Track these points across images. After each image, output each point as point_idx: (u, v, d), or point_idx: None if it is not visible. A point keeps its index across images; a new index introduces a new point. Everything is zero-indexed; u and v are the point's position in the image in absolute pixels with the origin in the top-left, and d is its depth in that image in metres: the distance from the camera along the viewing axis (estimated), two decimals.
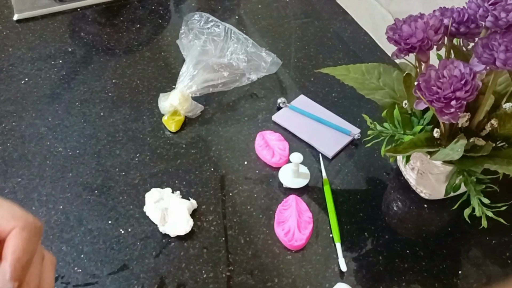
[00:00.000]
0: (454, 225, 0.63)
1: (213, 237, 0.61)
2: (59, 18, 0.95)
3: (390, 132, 0.59)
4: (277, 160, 0.69)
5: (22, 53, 0.86)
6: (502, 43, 0.47)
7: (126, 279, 0.56)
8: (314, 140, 0.72)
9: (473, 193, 0.54)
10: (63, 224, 0.61)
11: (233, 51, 0.82)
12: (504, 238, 0.62)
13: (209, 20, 0.86)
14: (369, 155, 0.71)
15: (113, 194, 0.65)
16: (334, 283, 0.56)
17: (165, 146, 0.72)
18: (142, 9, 0.98)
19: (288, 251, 0.60)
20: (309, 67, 0.86)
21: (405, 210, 0.65)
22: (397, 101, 0.61)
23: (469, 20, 0.53)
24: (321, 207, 0.65)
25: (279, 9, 1.00)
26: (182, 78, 0.75)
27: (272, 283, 0.57)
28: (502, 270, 0.59)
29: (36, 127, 0.73)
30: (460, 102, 0.48)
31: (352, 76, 0.64)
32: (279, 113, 0.77)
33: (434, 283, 0.57)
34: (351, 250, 0.60)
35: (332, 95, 0.80)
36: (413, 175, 0.65)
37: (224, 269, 0.58)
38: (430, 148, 0.55)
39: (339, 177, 0.68)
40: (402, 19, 0.53)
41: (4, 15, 0.95)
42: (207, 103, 0.78)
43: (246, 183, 0.67)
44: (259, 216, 0.63)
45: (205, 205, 0.64)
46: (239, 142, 0.73)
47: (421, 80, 0.50)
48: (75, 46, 0.89)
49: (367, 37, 0.93)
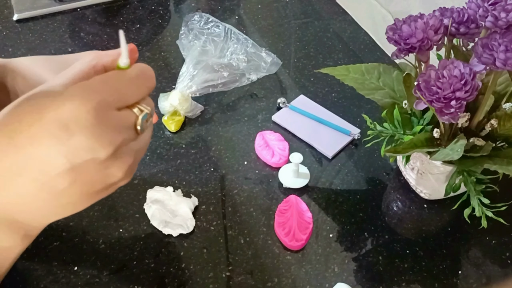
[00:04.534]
0: (454, 225, 0.63)
1: (213, 237, 0.61)
2: (59, 18, 0.95)
3: (390, 132, 0.59)
4: (277, 160, 0.69)
5: (22, 53, 0.86)
6: (502, 43, 0.47)
7: (126, 279, 0.56)
8: (314, 140, 0.72)
9: (473, 193, 0.54)
10: (63, 224, 0.61)
11: (233, 51, 0.82)
12: (504, 238, 0.62)
13: (209, 21, 0.86)
14: (369, 155, 0.71)
15: (113, 194, 0.65)
16: (334, 283, 0.56)
17: (165, 146, 0.72)
18: (142, 9, 0.98)
19: (288, 251, 0.60)
20: (309, 67, 0.86)
21: (405, 210, 0.65)
22: (397, 101, 0.61)
23: (469, 20, 0.53)
24: (321, 207, 0.65)
25: (279, 9, 1.00)
26: (182, 78, 0.75)
27: (272, 283, 0.57)
28: (502, 270, 0.59)
29: None
30: (460, 102, 0.48)
31: (352, 76, 0.64)
32: (279, 113, 0.77)
33: (434, 283, 0.57)
34: (351, 250, 0.60)
35: (332, 95, 0.80)
36: (413, 175, 0.65)
37: (224, 269, 0.58)
38: (430, 148, 0.55)
39: (339, 177, 0.68)
40: (402, 19, 0.53)
41: (4, 15, 0.95)
42: (207, 103, 0.78)
43: (246, 183, 0.67)
44: (259, 216, 0.63)
45: (205, 205, 0.64)
46: (239, 142, 0.73)
47: (421, 80, 0.50)
48: (75, 46, 0.89)
49: (367, 37, 0.93)
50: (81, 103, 0.28)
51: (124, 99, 0.32)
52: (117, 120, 0.30)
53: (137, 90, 0.33)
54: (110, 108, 0.30)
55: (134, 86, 0.33)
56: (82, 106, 0.28)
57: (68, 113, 0.28)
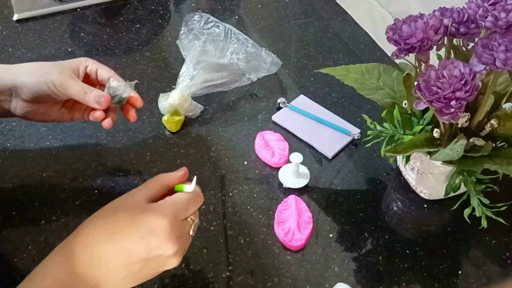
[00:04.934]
0: (454, 225, 0.63)
1: (213, 237, 0.61)
2: (59, 18, 0.95)
3: (390, 132, 0.59)
4: (277, 160, 0.69)
5: (22, 53, 0.86)
6: (502, 43, 0.47)
7: None
8: (314, 140, 0.72)
9: (473, 193, 0.54)
10: (63, 224, 0.61)
11: (233, 51, 0.82)
12: (504, 238, 0.62)
13: (209, 21, 0.86)
14: (369, 155, 0.71)
15: (113, 194, 0.65)
16: (334, 283, 0.56)
17: (165, 146, 0.72)
18: (142, 9, 0.98)
19: (288, 251, 0.60)
20: (309, 67, 0.86)
21: (405, 210, 0.65)
22: (397, 101, 0.61)
23: (469, 20, 0.53)
24: (321, 207, 0.65)
25: (279, 9, 1.00)
26: (182, 78, 0.75)
27: (272, 283, 0.57)
28: (502, 270, 0.59)
29: (36, 127, 0.73)
30: (460, 102, 0.48)
31: (352, 76, 0.64)
32: (279, 113, 0.77)
33: (434, 283, 0.57)
34: (351, 250, 0.60)
35: (332, 95, 0.80)
36: (413, 175, 0.65)
37: (224, 269, 0.58)
38: (430, 148, 0.55)
39: (339, 177, 0.68)
40: (402, 19, 0.53)
41: (4, 15, 0.95)
42: (207, 103, 0.78)
43: (246, 183, 0.67)
44: (259, 216, 0.63)
45: (205, 205, 0.64)
46: (239, 142, 0.73)
47: (421, 80, 0.50)
48: (75, 46, 0.89)
49: (367, 37, 0.93)
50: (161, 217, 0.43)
51: (186, 214, 0.46)
52: (181, 228, 0.45)
53: (193, 207, 0.47)
54: (177, 220, 0.44)
55: (193, 205, 0.47)
56: (162, 219, 0.43)
57: (152, 223, 0.43)
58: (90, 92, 0.57)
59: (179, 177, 0.50)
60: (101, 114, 0.59)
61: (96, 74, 0.61)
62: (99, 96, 0.57)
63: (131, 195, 0.47)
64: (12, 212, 0.62)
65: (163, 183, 0.48)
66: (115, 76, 0.60)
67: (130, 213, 0.44)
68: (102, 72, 0.60)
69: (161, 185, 0.48)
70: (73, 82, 0.57)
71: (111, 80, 0.59)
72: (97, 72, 0.61)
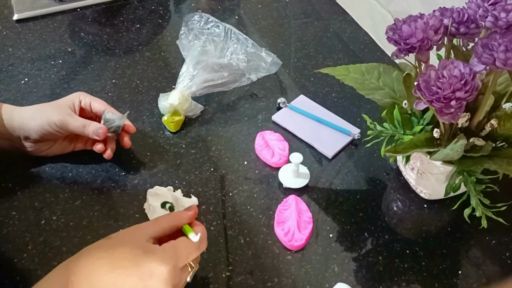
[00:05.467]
0: (454, 225, 0.63)
1: (213, 237, 0.61)
2: (59, 18, 0.95)
3: (390, 132, 0.59)
4: (277, 160, 0.69)
5: (22, 53, 0.86)
6: (502, 43, 0.47)
7: None
8: (314, 140, 0.72)
9: (473, 193, 0.54)
10: (63, 224, 0.61)
11: (233, 51, 0.81)
12: (504, 238, 0.62)
13: (209, 21, 0.86)
14: (369, 155, 0.71)
15: (113, 194, 0.65)
16: (334, 283, 0.56)
17: (165, 146, 0.72)
18: (142, 9, 0.98)
19: (288, 251, 0.60)
20: (309, 67, 0.86)
21: (405, 210, 0.65)
22: (397, 101, 0.61)
23: (469, 20, 0.53)
24: (321, 207, 0.65)
25: (279, 9, 1.00)
26: (182, 78, 0.75)
27: (272, 283, 0.57)
28: (502, 270, 0.59)
29: None
30: (460, 102, 0.48)
31: (352, 76, 0.64)
32: (279, 113, 0.77)
33: (434, 283, 0.57)
34: (351, 250, 0.60)
35: (332, 95, 0.80)
36: (413, 175, 0.65)
37: (224, 269, 0.58)
38: (430, 148, 0.55)
39: (339, 177, 0.68)
40: (402, 19, 0.53)
41: (4, 15, 0.95)
42: (207, 103, 0.78)
43: (246, 183, 0.67)
44: (259, 216, 0.63)
45: (205, 205, 0.64)
46: (239, 142, 0.73)
47: (421, 80, 0.50)
48: (75, 46, 0.89)
49: (367, 37, 0.93)
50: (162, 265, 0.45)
51: (187, 261, 0.49)
52: (179, 277, 0.47)
53: (195, 254, 0.50)
54: (177, 269, 0.47)
55: (195, 252, 0.50)
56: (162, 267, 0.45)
57: (153, 268, 0.45)
58: (89, 125, 0.64)
59: (189, 218, 0.52)
60: (102, 147, 0.66)
61: (90, 107, 0.67)
62: (97, 128, 0.64)
63: (140, 228, 0.49)
64: (12, 212, 0.62)
65: (172, 224, 0.51)
66: (109, 108, 0.67)
67: (134, 252, 0.46)
68: (96, 105, 0.67)
69: (170, 226, 0.51)
70: (72, 119, 0.64)
71: (106, 112, 0.65)
72: (91, 105, 0.67)
